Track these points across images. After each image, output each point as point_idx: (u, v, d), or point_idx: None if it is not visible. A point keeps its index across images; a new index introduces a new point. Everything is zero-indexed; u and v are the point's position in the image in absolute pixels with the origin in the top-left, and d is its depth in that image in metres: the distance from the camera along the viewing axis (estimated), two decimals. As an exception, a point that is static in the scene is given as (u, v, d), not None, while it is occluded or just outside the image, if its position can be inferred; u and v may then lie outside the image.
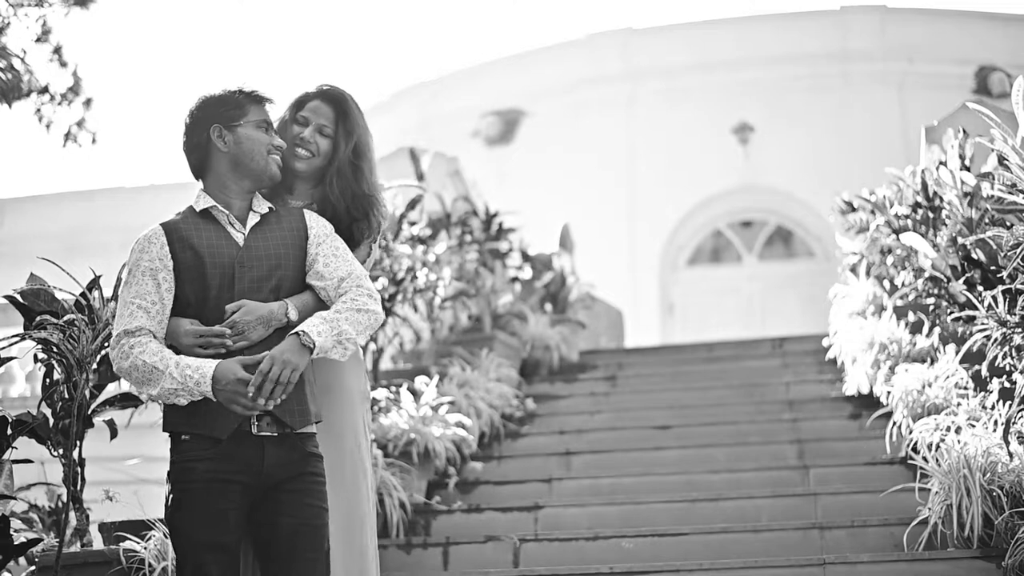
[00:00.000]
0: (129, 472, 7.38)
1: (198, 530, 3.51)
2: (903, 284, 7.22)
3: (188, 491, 3.53)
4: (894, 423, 6.17)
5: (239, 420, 3.52)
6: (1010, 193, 5.30)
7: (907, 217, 7.16)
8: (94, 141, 14.94)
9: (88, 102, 14.82)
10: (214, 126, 3.67)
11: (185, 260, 3.58)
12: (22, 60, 13.07)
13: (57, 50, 14.62)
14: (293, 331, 3.52)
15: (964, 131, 6.67)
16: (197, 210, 3.67)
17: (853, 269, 8.32)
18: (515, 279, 9.79)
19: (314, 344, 3.50)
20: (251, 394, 3.43)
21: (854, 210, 8.39)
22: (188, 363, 3.48)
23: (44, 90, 14.58)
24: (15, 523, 5.47)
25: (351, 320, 3.61)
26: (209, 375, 3.46)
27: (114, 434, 5.10)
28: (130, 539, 4.69)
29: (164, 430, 3.62)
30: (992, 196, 5.75)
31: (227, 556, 3.54)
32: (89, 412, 4.85)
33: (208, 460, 3.52)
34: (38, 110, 14.63)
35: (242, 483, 3.54)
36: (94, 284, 4.77)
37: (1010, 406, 5.09)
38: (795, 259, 17.34)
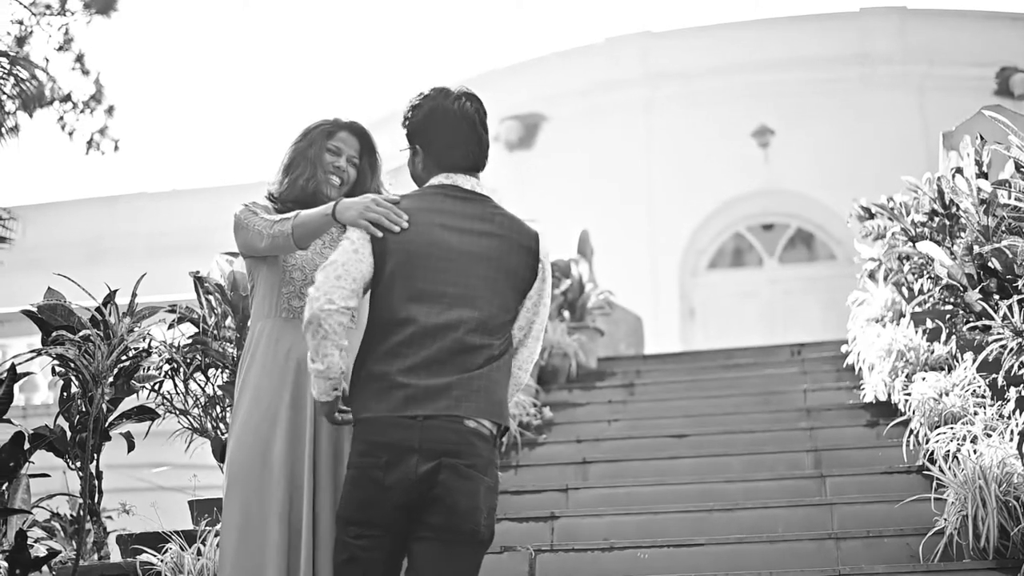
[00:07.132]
0: (150, 480, 7.42)
1: None
2: (921, 291, 7.17)
3: None
4: (911, 431, 6.12)
5: None
6: (1026, 201, 5.28)
7: (924, 225, 7.11)
8: (116, 148, 15.03)
9: (110, 109, 14.92)
10: None
11: None
12: (44, 70, 13.15)
13: (79, 58, 14.72)
14: None
15: (982, 137, 6.61)
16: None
17: (871, 275, 8.27)
18: (533, 286, 9.76)
19: None
20: None
21: (872, 216, 8.34)
22: None
23: (67, 98, 14.70)
24: (37, 532, 5.53)
25: None
26: None
27: (131, 447, 5.15)
28: (147, 552, 4.72)
29: (504, 425, 3.53)
30: (1008, 204, 5.72)
31: None
32: (106, 425, 4.91)
33: None
34: (61, 118, 14.74)
35: None
36: (109, 299, 4.82)
37: (1025, 416, 5.07)
38: (816, 262, 17.25)
